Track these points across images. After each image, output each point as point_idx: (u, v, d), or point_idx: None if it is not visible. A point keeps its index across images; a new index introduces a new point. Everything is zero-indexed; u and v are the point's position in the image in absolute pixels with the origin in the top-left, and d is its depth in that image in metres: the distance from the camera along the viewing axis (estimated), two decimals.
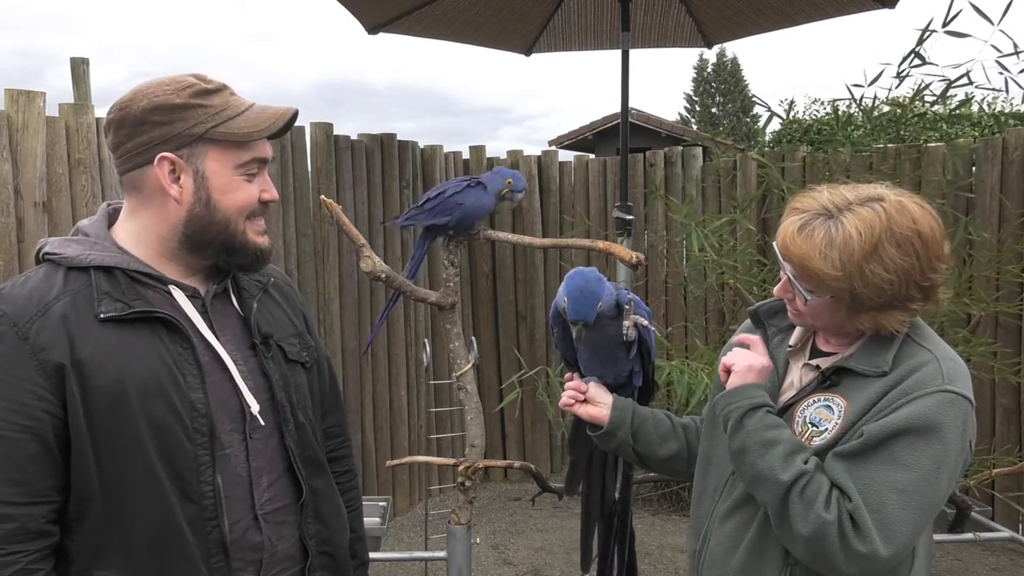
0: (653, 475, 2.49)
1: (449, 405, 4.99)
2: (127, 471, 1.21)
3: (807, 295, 1.36)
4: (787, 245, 1.35)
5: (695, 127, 32.96)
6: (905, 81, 3.53)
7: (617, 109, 5.04)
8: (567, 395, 1.73)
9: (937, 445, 1.26)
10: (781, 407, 1.43)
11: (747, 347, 1.48)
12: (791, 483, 1.29)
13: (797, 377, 1.46)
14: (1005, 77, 3.35)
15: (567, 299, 1.68)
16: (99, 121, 3.51)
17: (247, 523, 1.31)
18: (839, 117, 4.17)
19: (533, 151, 5.46)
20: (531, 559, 4.26)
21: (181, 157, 1.28)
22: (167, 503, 1.22)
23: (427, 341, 3.92)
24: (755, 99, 4.27)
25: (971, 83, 3.40)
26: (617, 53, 3.76)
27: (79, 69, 3.71)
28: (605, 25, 4.29)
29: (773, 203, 4.60)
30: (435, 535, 3.43)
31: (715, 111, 41.40)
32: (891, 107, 3.97)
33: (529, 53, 4.46)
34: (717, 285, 4.45)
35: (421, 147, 5.07)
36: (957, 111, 3.76)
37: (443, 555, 2.66)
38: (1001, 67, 3.33)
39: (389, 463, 2.79)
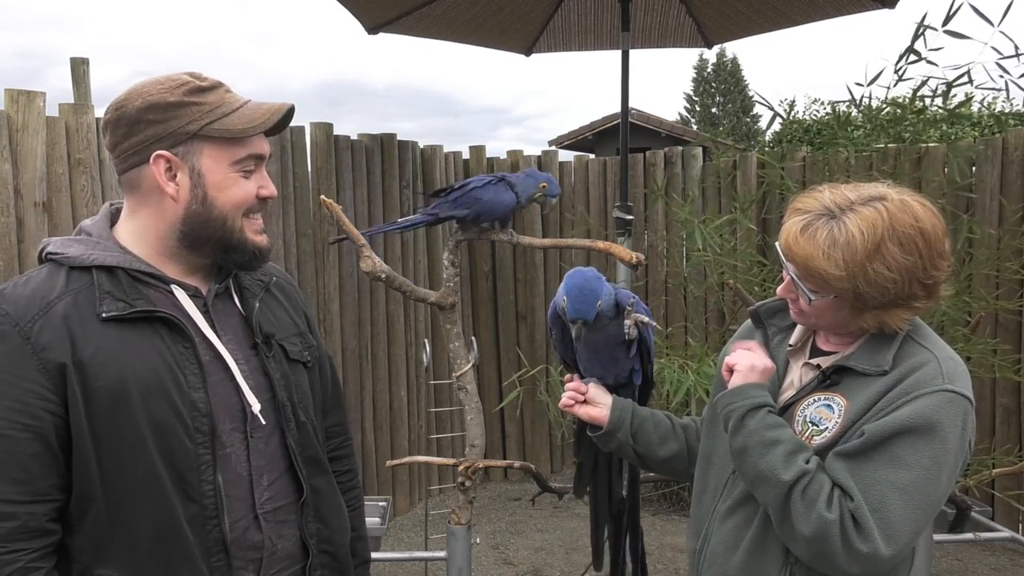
0: (653, 475, 2.49)
1: (449, 405, 4.99)
2: (128, 470, 1.21)
3: (811, 295, 1.36)
4: (790, 246, 1.36)
5: (695, 127, 32.97)
6: (906, 81, 3.53)
7: (617, 109, 5.04)
8: (567, 396, 1.74)
9: (938, 444, 1.27)
10: (781, 406, 1.43)
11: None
12: (793, 483, 1.29)
13: (797, 376, 1.46)
14: (1006, 80, 3.35)
15: (566, 298, 1.69)
16: (99, 121, 3.49)
17: (247, 522, 1.31)
18: (839, 117, 4.17)
19: (533, 151, 5.46)
20: (531, 559, 4.26)
21: (176, 155, 1.28)
22: (168, 502, 1.23)
23: (427, 341, 3.92)
24: (757, 99, 4.27)
25: (971, 82, 3.40)
26: (617, 53, 3.76)
27: (79, 69, 3.71)
28: (605, 25, 4.29)
29: (773, 203, 4.60)
30: (435, 535, 3.43)
31: (715, 111, 41.41)
32: (891, 107, 3.97)
33: (529, 53, 4.46)
34: (717, 285, 4.45)
35: (421, 147, 5.07)
36: (957, 111, 3.75)
37: (443, 555, 2.66)
38: (1002, 69, 3.33)
39: (389, 463, 2.79)
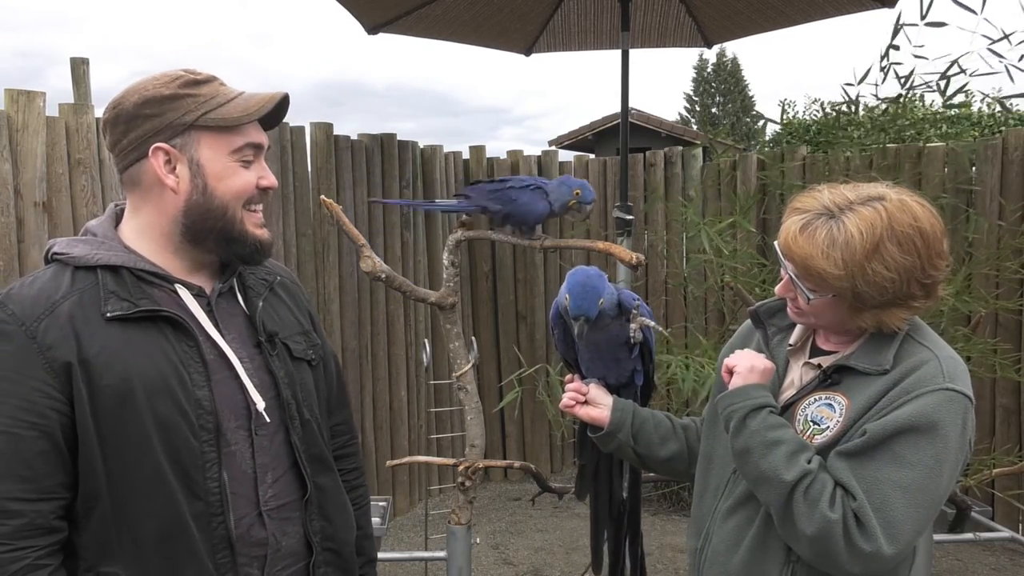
0: (653, 475, 2.49)
1: (449, 405, 4.99)
2: (134, 468, 1.22)
3: (809, 294, 1.36)
4: (789, 245, 1.36)
5: (695, 127, 32.97)
6: (897, 76, 3.53)
7: (617, 109, 5.04)
8: (568, 396, 1.74)
9: (939, 443, 1.27)
10: (782, 406, 1.43)
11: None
12: (795, 482, 1.29)
13: (797, 376, 1.46)
14: (1005, 64, 3.35)
15: (568, 295, 1.69)
16: (99, 121, 3.50)
17: (252, 519, 1.32)
18: (837, 118, 4.17)
19: (533, 151, 5.46)
20: (531, 559, 4.26)
21: (175, 147, 1.30)
22: (173, 500, 1.23)
23: (427, 341, 3.92)
24: (756, 112, 4.29)
25: (963, 71, 3.40)
26: (617, 53, 3.76)
27: (79, 69, 3.71)
28: (605, 25, 4.29)
29: (773, 203, 4.60)
30: (435, 535, 3.42)
31: (715, 111, 41.40)
32: (889, 104, 3.97)
33: (529, 53, 4.46)
34: (717, 285, 4.45)
35: (421, 147, 5.07)
36: (957, 110, 3.76)
37: (443, 555, 2.66)
38: (995, 54, 3.34)
39: (389, 463, 2.79)
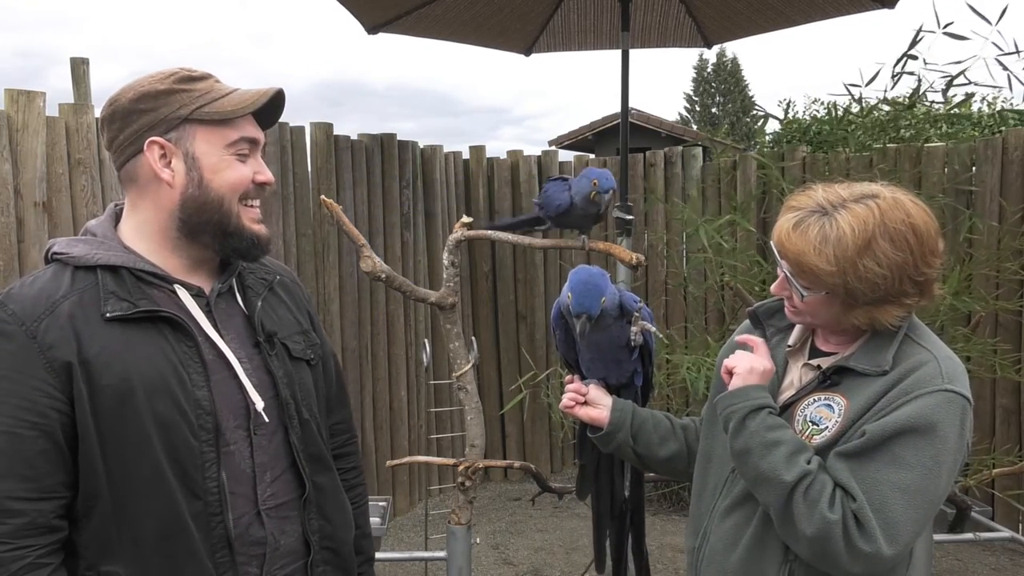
0: (653, 475, 2.49)
1: (449, 405, 4.99)
2: (134, 468, 1.23)
3: (803, 291, 1.37)
4: (783, 242, 1.37)
5: (695, 127, 32.96)
6: (904, 80, 3.54)
7: (617, 109, 5.04)
8: (567, 397, 1.74)
9: (938, 444, 1.27)
10: (781, 406, 1.44)
11: (749, 348, 1.49)
12: (795, 483, 1.30)
13: (797, 376, 1.47)
14: (1008, 75, 3.36)
15: (571, 293, 1.69)
16: (99, 121, 3.50)
17: (250, 518, 1.32)
18: (837, 115, 4.17)
19: (533, 151, 5.46)
20: (531, 559, 4.26)
21: (170, 140, 1.30)
22: (173, 499, 1.24)
23: (427, 341, 3.92)
24: (756, 108, 4.30)
25: (969, 82, 3.41)
26: (617, 53, 3.76)
27: (79, 69, 3.71)
28: (605, 25, 4.29)
29: (772, 203, 4.60)
30: (435, 535, 3.42)
31: (715, 111, 41.41)
32: (890, 107, 3.98)
33: (529, 53, 4.46)
34: (717, 285, 4.45)
35: (421, 147, 5.07)
36: (957, 110, 3.76)
37: (443, 555, 2.66)
38: (1002, 66, 3.34)
39: (389, 463, 2.79)
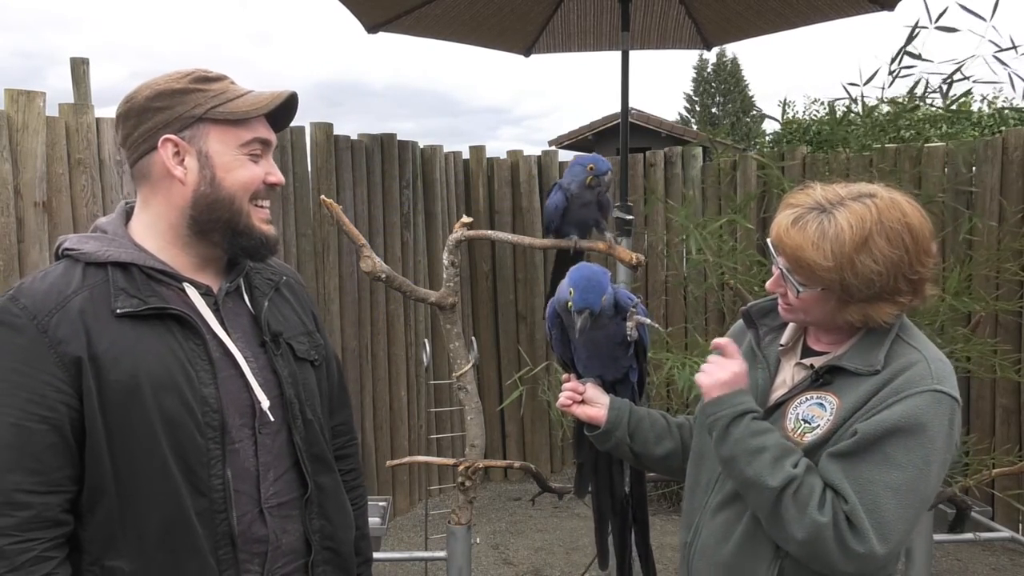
0: (653, 475, 2.49)
1: (449, 405, 4.99)
2: (140, 463, 1.24)
3: (799, 287, 1.38)
4: (781, 237, 1.39)
5: (695, 127, 32.97)
6: (903, 78, 3.53)
7: (617, 109, 5.04)
8: (564, 396, 1.75)
9: (927, 444, 1.29)
10: (773, 404, 1.45)
11: (722, 353, 1.50)
12: (782, 488, 1.31)
13: (789, 375, 1.49)
14: (1008, 73, 3.35)
15: (573, 288, 1.68)
16: (99, 121, 3.51)
17: (253, 516, 1.33)
18: (836, 117, 4.17)
19: (533, 151, 5.46)
20: (531, 559, 4.26)
21: (184, 138, 1.32)
22: (178, 495, 1.25)
23: (427, 341, 3.92)
24: (755, 108, 4.30)
25: (967, 78, 3.40)
26: (617, 53, 3.76)
27: (79, 69, 3.71)
28: (605, 26, 4.29)
29: (772, 203, 4.60)
30: (435, 535, 3.43)
31: (715, 111, 41.40)
32: (890, 106, 3.97)
33: (529, 54, 4.46)
34: (717, 285, 4.45)
35: (421, 147, 5.07)
36: (956, 108, 3.75)
37: (443, 555, 2.66)
38: (1000, 62, 3.33)
39: (389, 463, 2.79)
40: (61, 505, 1.22)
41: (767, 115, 5.01)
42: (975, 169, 4.38)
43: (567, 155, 5.72)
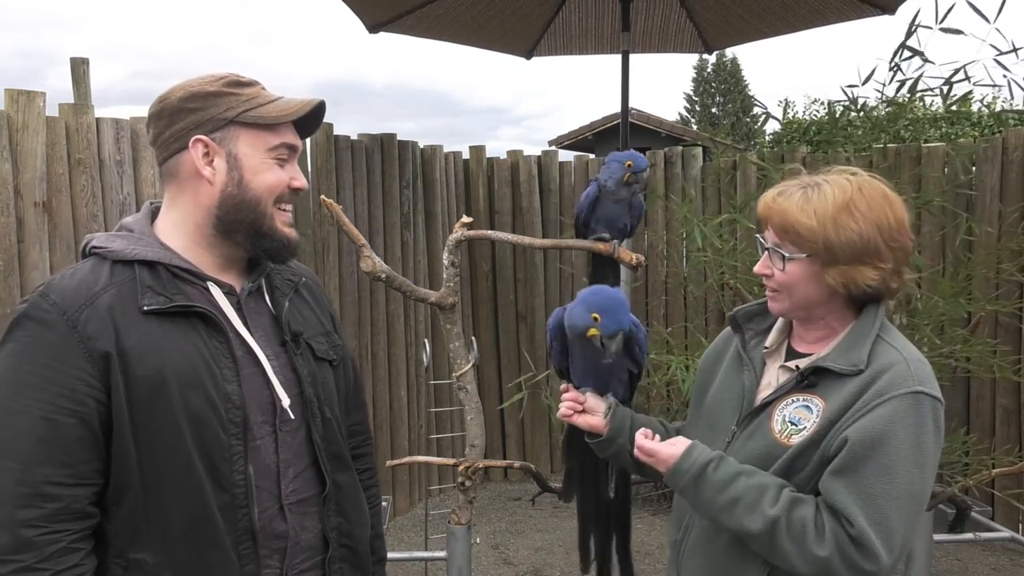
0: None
1: (449, 405, 4.99)
2: (165, 458, 1.26)
3: (785, 256, 1.43)
4: (767, 206, 1.47)
5: (695, 127, 32.96)
6: (902, 77, 3.52)
7: (617, 109, 5.04)
8: (565, 406, 1.72)
9: (917, 447, 1.33)
10: (759, 405, 1.48)
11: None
12: (768, 531, 1.33)
13: (774, 377, 1.51)
14: (1008, 79, 3.35)
15: (599, 314, 1.60)
16: (99, 121, 3.51)
17: (273, 512, 1.36)
18: (836, 119, 4.17)
19: (533, 151, 5.47)
20: (531, 559, 4.27)
21: (214, 140, 1.35)
22: (201, 490, 1.27)
23: (427, 341, 3.92)
24: (755, 101, 4.29)
25: (968, 78, 3.40)
26: (617, 54, 3.77)
27: (79, 69, 3.71)
28: (606, 28, 4.30)
29: None
30: (435, 535, 3.43)
31: (715, 111, 41.40)
32: (890, 106, 3.97)
33: (530, 56, 4.46)
34: (717, 285, 4.45)
35: (421, 147, 5.07)
36: (956, 108, 3.74)
37: (443, 555, 2.67)
38: (1001, 66, 3.33)
39: (389, 463, 2.79)
40: (88, 498, 1.24)
41: (770, 114, 4.98)
42: (975, 169, 4.38)
43: (567, 155, 5.72)
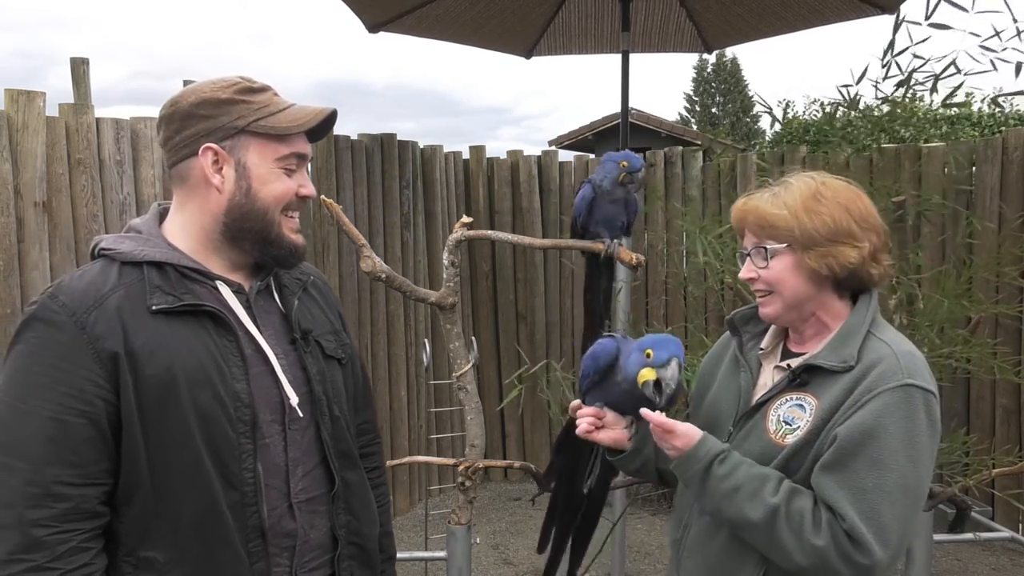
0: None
1: (449, 405, 4.99)
2: (174, 457, 1.26)
3: (767, 250, 1.45)
4: (740, 209, 1.51)
5: (695, 127, 32.96)
6: (893, 77, 3.52)
7: (617, 109, 5.04)
8: (587, 422, 1.64)
9: (909, 440, 1.32)
10: (755, 405, 1.49)
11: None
12: (768, 520, 1.34)
13: (769, 377, 1.53)
14: (991, 59, 3.34)
15: (651, 350, 1.50)
16: (99, 121, 3.51)
17: (282, 510, 1.36)
18: (831, 117, 4.17)
19: (533, 151, 5.47)
20: (531, 559, 4.26)
21: (224, 148, 1.35)
22: (211, 488, 1.28)
23: (427, 341, 3.92)
24: (757, 100, 4.29)
25: (959, 71, 3.40)
26: (617, 54, 3.76)
27: (79, 69, 3.72)
28: (606, 28, 4.29)
29: None
30: (435, 535, 3.43)
31: (715, 111, 41.40)
32: (888, 105, 3.97)
33: (530, 56, 4.46)
34: (717, 285, 4.45)
35: (421, 147, 5.07)
36: (955, 107, 3.74)
37: (443, 555, 2.67)
38: (988, 50, 3.33)
39: (389, 463, 2.77)
40: (98, 497, 1.25)
41: (771, 114, 4.98)
42: (975, 169, 4.37)
43: (567, 155, 5.73)
